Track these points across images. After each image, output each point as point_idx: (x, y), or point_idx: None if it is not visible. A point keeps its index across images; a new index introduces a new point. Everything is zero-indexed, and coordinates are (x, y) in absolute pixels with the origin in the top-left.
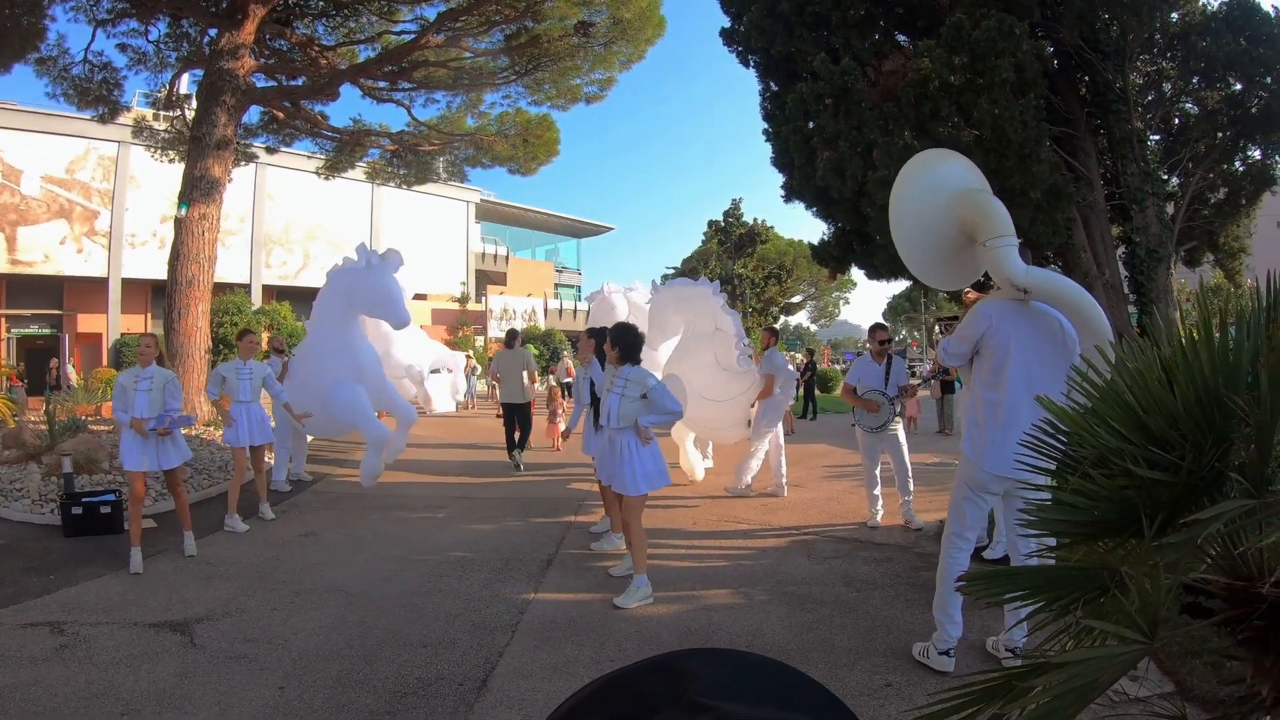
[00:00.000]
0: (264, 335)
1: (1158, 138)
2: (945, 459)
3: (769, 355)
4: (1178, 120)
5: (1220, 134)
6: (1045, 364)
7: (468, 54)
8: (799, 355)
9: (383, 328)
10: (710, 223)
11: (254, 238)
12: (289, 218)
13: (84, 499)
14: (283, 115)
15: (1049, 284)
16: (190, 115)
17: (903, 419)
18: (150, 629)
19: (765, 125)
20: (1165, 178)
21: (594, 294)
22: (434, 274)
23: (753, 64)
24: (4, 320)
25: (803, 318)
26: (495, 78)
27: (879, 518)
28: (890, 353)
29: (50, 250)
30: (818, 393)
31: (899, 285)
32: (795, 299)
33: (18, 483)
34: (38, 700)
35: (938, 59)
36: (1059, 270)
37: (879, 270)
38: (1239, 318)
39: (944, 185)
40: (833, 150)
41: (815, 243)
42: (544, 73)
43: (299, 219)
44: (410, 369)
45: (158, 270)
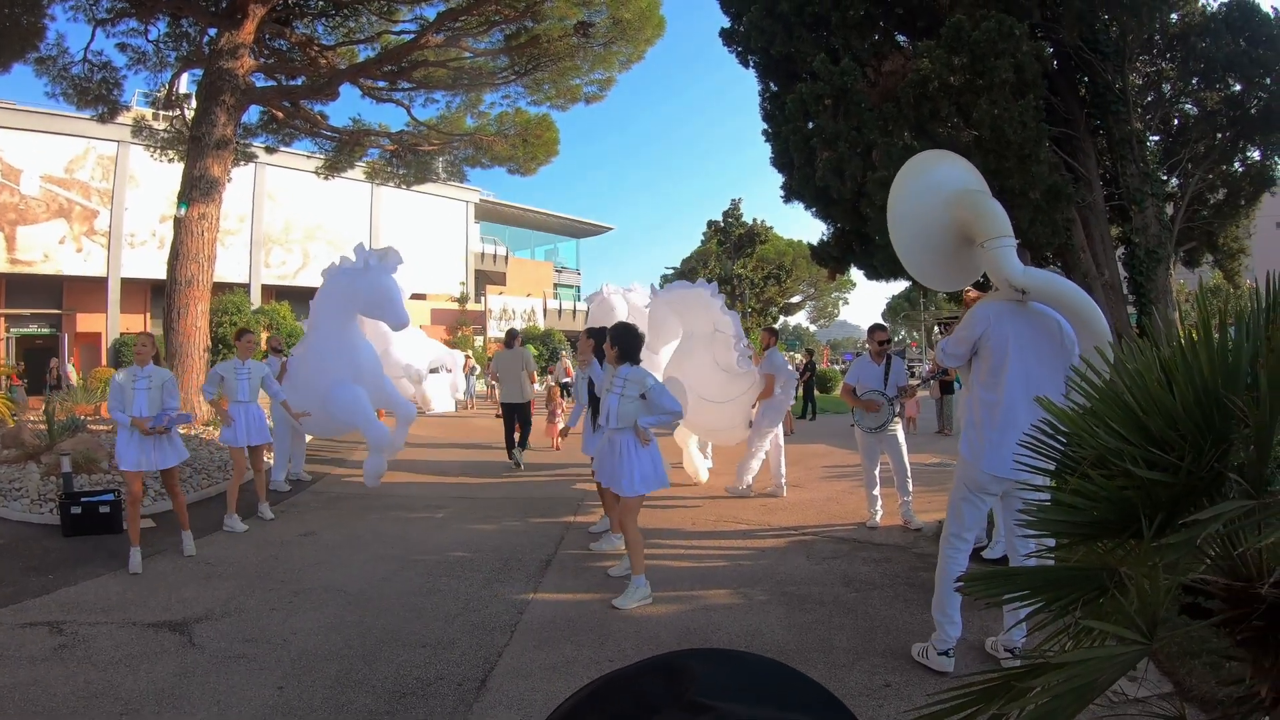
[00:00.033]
0: (263, 335)
1: (1157, 138)
2: (944, 459)
3: (769, 355)
4: (1177, 121)
5: (1219, 135)
6: (1044, 365)
7: (467, 54)
8: (798, 355)
9: (381, 327)
10: (710, 223)
11: (253, 237)
12: (288, 217)
13: (83, 499)
14: (282, 115)
15: (1047, 285)
16: (190, 115)
17: (902, 419)
18: (149, 629)
19: (765, 125)
20: (1165, 178)
21: (593, 295)
22: (433, 274)
23: (752, 64)
24: (3, 320)
25: (802, 318)
26: (495, 78)
27: (878, 518)
28: (889, 353)
29: (49, 250)
30: (817, 393)
31: (898, 285)
32: (794, 299)
33: (17, 482)
34: (37, 700)
35: (937, 60)
36: (1059, 271)
37: (878, 270)
38: (1238, 318)
39: (942, 186)
40: (832, 151)
41: (814, 243)
42: (543, 73)
43: (298, 219)
44: (409, 368)
45: (157, 270)
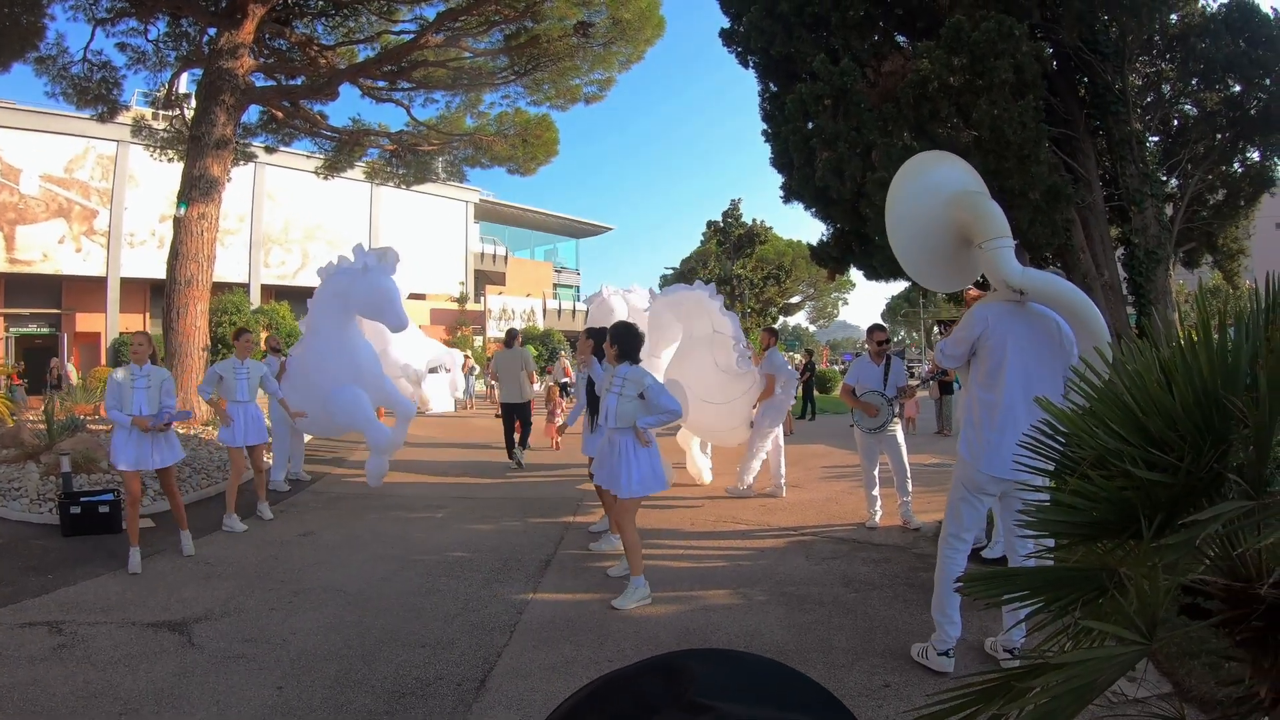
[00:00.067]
0: (262, 335)
1: (1157, 139)
2: (944, 460)
3: (769, 355)
4: (1177, 122)
5: (1219, 135)
6: (1042, 365)
7: (467, 54)
8: (797, 356)
9: (379, 326)
10: (709, 223)
11: (253, 237)
12: (288, 217)
13: (82, 498)
14: (282, 115)
15: (1045, 285)
16: (189, 114)
17: (901, 420)
18: (148, 629)
19: (764, 126)
20: (1164, 179)
21: (593, 297)
22: (433, 274)
23: (752, 65)
24: (2, 320)
25: (801, 318)
26: (494, 78)
27: (877, 518)
28: (889, 353)
29: (49, 249)
30: (816, 393)
31: (898, 286)
32: (794, 300)
33: (16, 482)
34: (36, 700)
35: (937, 60)
36: (1059, 272)
37: (878, 271)
38: (1237, 319)
39: (940, 187)
40: (832, 151)
41: (814, 243)
42: (543, 73)
43: (298, 218)
44: (407, 368)
45: (156, 269)
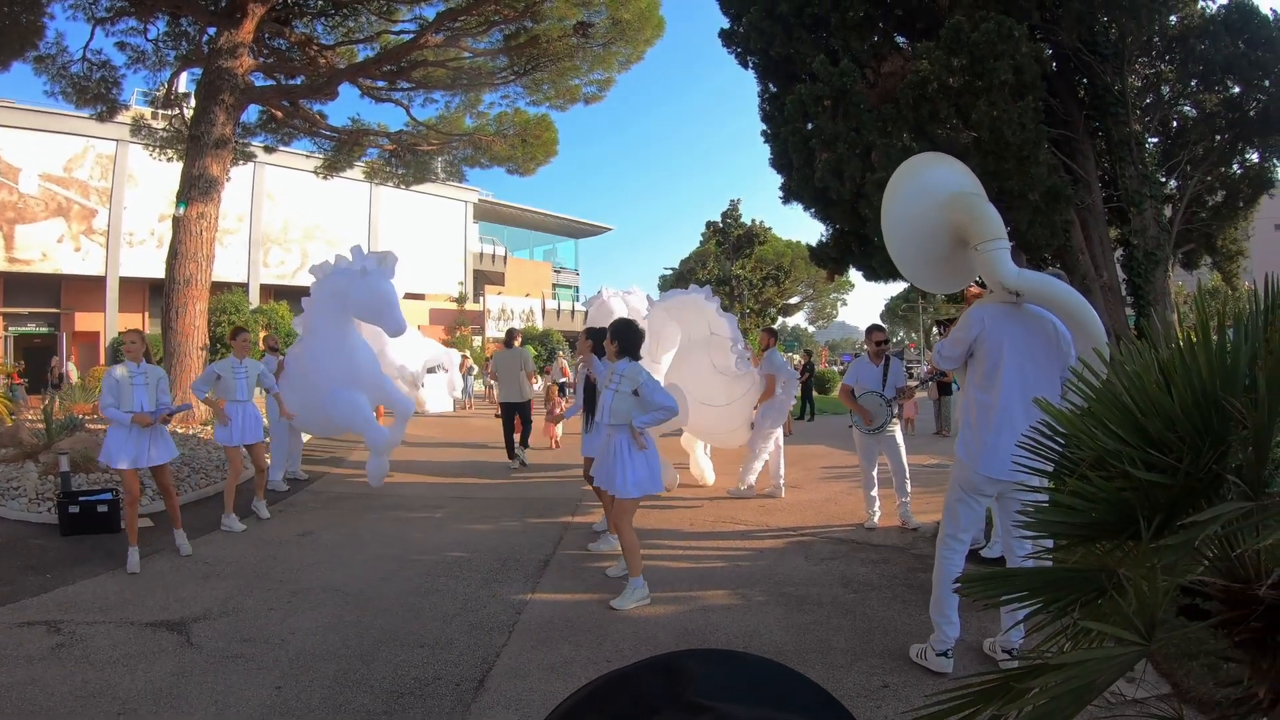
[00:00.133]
0: (261, 334)
1: (1156, 140)
2: (943, 460)
3: (769, 355)
4: (1176, 123)
5: (1218, 137)
6: (1039, 367)
7: (466, 54)
8: (797, 356)
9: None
10: (708, 223)
11: (252, 237)
12: (287, 217)
13: (81, 498)
14: (281, 114)
15: (1041, 287)
16: (189, 114)
17: (900, 420)
18: (147, 628)
19: (764, 127)
20: (1163, 180)
21: (592, 298)
22: (432, 274)
23: (752, 65)
24: (1, 319)
25: (800, 319)
26: (494, 78)
27: (876, 519)
28: (888, 354)
29: (48, 249)
30: (815, 394)
31: (897, 286)
32: (793, 300)
33: (14, 481)
34: (34, 699)
35: (936, 61)
36: (1058, 273)
37: (877, 271)
38: (1236, 320)
39: (937, 189)
40: (831, 152)
41: (813, 244)
42: (543, 73)
43: (297, 218)
44: (403, 370)
45: (156, 269)
